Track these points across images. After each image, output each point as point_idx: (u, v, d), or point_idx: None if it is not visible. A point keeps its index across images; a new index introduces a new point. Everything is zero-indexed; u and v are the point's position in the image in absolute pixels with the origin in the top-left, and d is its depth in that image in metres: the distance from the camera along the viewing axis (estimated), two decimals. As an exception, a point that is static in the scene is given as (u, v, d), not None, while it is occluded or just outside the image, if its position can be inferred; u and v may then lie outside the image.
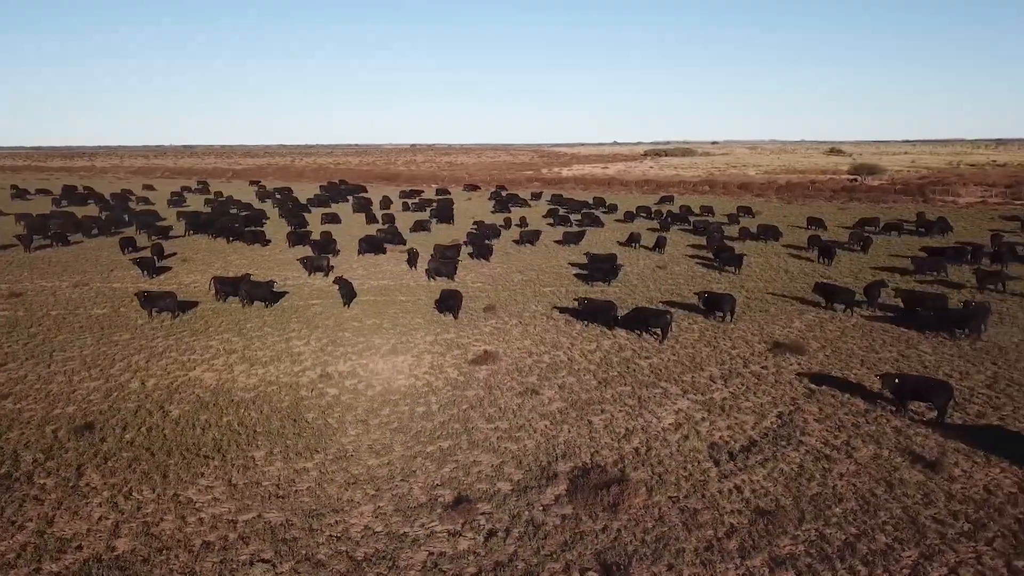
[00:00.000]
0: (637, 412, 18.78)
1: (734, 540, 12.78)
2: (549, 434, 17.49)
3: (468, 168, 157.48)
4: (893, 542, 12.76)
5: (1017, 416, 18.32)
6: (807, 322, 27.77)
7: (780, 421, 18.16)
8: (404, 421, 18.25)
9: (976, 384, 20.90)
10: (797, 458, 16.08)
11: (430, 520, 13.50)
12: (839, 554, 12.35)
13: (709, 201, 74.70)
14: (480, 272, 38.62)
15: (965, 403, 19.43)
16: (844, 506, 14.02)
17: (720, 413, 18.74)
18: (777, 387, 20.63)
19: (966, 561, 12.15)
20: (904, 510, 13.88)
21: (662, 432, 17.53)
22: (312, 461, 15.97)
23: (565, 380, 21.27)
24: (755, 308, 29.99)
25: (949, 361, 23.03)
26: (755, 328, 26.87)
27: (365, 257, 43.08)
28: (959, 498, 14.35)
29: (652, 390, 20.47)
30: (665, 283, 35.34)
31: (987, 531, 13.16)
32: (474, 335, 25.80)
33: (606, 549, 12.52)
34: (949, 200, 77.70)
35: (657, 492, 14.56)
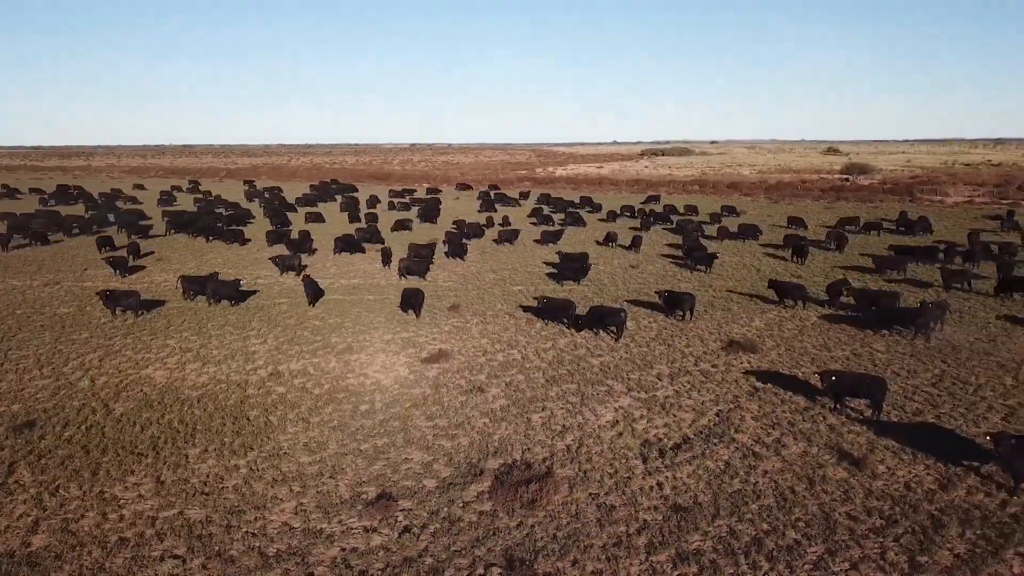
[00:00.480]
0: (577, 410, 18.91)
1: (644, 536, 12.92)
2: (486, 432, 17.62)
3: (463, 168, 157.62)
4: (802, 538, 12.87)
5: (953, 414, 18.44)
6: (767, 321, 27.88)
7: (718, 419, 18.28)
8: (345, 419, 18.39)
9: (921, 382, 21.01)
10: (726, 455, 16.20)
11: (349, 517, 13.64)
12: (745, 550, 12.47)
13: (697, 200, 74.85)
14: (454, 271, 38.74)
15: (906, 401, 19.54)
16: (761, 503, 14.13)
17: (660, 411, 18.85)
18: (723, 385, 20.74)
19: (869, 556, 12.28)
20: (820, 507, 13.99)
21: (597, 429, 17.66)
22: (244, 459, 16.10)
23: (514, 378, 21.39)
24: (718, 307, 30.11)
25: (900, 359, 23.13)
26: (714, 326, 27.00)
27: (341, 256, 43.21)
28: (877, 495, 14.47)
29: (597, 388, 20.59)
30: (635, 282, 35.46)
31: (898, 527, 13.28)
32: (432, 334, 25.93)
33: (516, 545, 12.65)
34: (936, 200, 77.75)
35: (579, 489, 14.68)
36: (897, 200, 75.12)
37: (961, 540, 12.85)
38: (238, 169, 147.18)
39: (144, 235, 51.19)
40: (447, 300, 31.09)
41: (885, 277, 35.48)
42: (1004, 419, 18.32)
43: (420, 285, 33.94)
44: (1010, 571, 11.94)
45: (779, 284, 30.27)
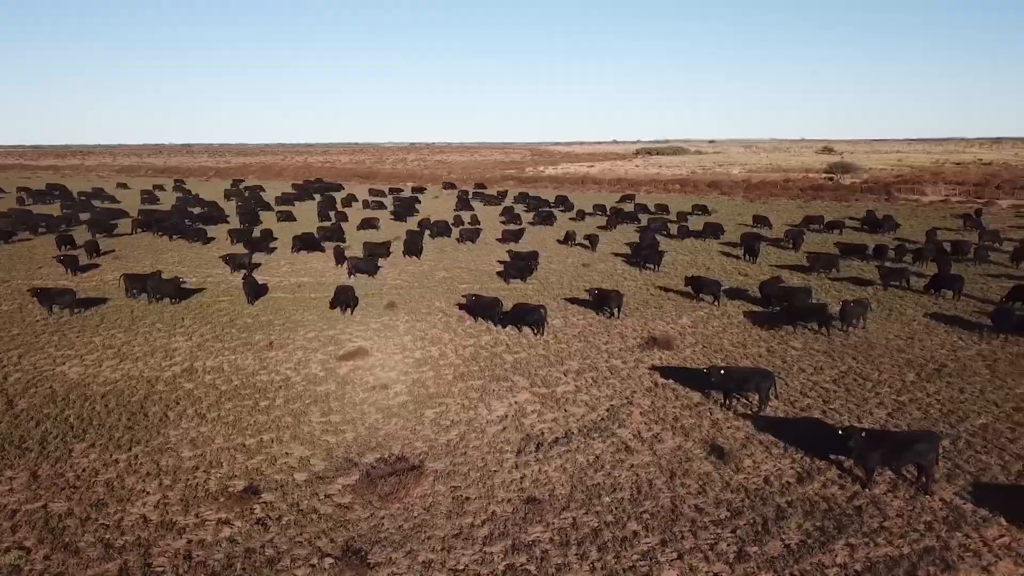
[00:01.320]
0: (473, 405, 19.25)
1: (487, 527, 13.24)
2: (374, 427, 17.94)
3: (454, 167, 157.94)
4: (641, 529, 13.19)
5: (841, 409, 18.88)
6: (694, 318, 28.18)
7: (607, 414, 18.58)
8: (241, 415, 18.73)
9: (823, 378, 21.30)
10: (599, 449, 16.52)
11: (208, 510, 13.98)
12: (580, 540, 12.80)
13: (675, 200, 75.13)
14: (406, 269, 39.09)
15: (801, 396, 19.84)
16: (616, 495, 14.45)
17: (553, 406, 19.16)
18: (626, 381, 21.05)
19: (699, 547, 12.61)
20: (672, 499, 14.30)
21: (484, 424, 17.99)
22: (127, 453, 16.46)
23: (423, 375, 21.70)
24: (652, 304, 30.42)
25: (812, 356, 23.41)
26: (639, 324, 27.31)
27: (299, 255, 43.51)
28: (734, 487, 14.78)
29: (501, 384, 20.92)
30: (582, 280, 35.74)
31: (741, 519, 13.58)
32: (356, 332, 26.26)
33: (359, 536, 12.99)
34: (913, 199, 77.98)
35: (442, 482, 15.00)
36: (875, 199, 75.32)
37: (798, 531, 13.12)
38: (228, 168, 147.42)
39: (110, 233, 51.50)
40: (387, 298, 31.36)
41: (830, 276, 35.66)
42: (889, 414, 18.58)
43: (369, 283, 34.21)
44: (833, 560, 12.21)
45: (695, 280, 30.71)
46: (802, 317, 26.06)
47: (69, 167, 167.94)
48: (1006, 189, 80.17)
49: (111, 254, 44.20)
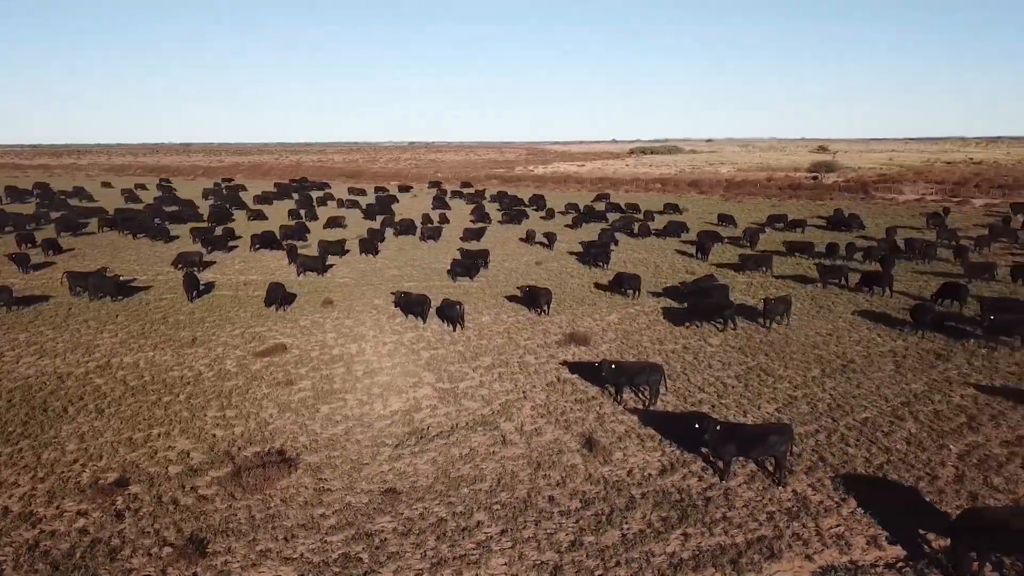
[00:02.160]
0: (371, 400, 19.55)
1: (336, 518, 13.55)
2: (266, 422, 18.25)
3: (445, 166, 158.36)
4: (487, 519, 13.53)
5: (731, 404, 19.31)
6: (623, 315, 28.47)
7: (499, 408, 18.86)
8: (139, 410, 19.05)
9: (728, 374, 21.59)
10: (477, 443, 16.83)
11: (71, 502, 14.29)
12: (421, 530, 13.09)
13: (654, 198, 75.53)
14: (357, 267, 39.42)
15: (697, 391, 20.19)
16: (475, 487, 14.76)
17: (450, 401, 19.46)
18: (531, 377, 21.34)
19: (536, 536, 12.92)
20: (529, 491, 14.60)
21: (374, 419, 18.30)
22: (14, 447, 16.80)
23: (333, 372, 22.01)
24: (587, 302, 30.72)
25: (725, 352, 23.70)
26: (567, 321, 27.58)
27: (257, 253, 43.83)
28: (594, 479, 15.10)
29: (408, 379, 21.23)
30: (530, 278, 36.01)
31: (590, 509, 13.89)
32: (284, 329, 26.58)
33: (207, 527, 13.30)
34: (890, 197, 78.12)
35: (310, 474, 15.31)
36: (851, 198, 75.53)
37: (641, 521, 13.42)
38: (218, 167, 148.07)
39: (76, 232, 51.90)
40: (326, 295, 31.65)
41: (775, 274, 35.94)
42: (777, 409, 18.90)
43: (317, 280, 34.72)
44: (663, 549, 12.49)
45: (617, 276, 31.08)
46: (710, 314, 26.28)
47: (61, 166, 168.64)
48: (983, 188, 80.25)
49: (71, 252, 44.40)
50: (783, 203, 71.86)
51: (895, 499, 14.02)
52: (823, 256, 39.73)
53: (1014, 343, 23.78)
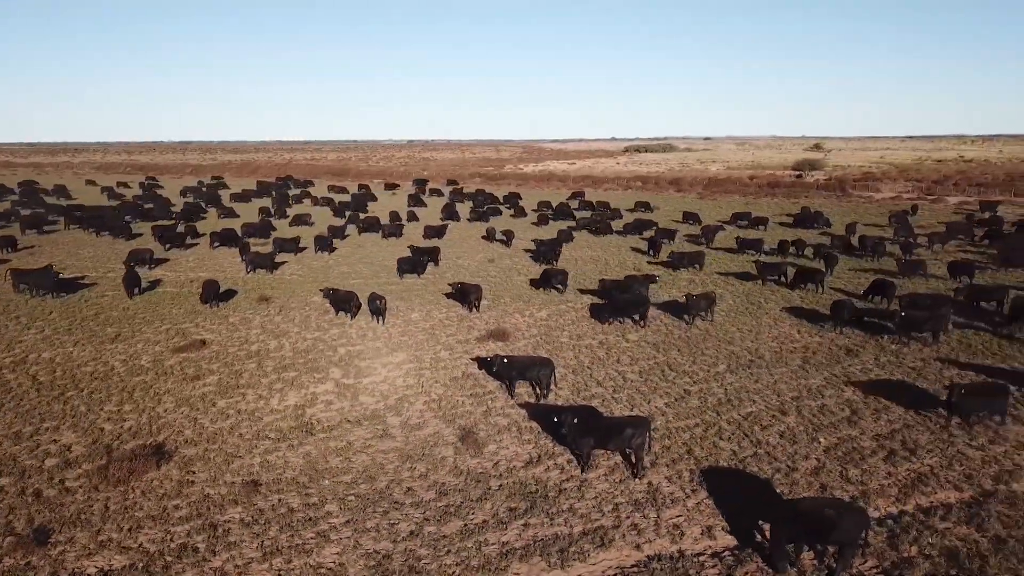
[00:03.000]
0: (271, 395, 19.85)
1: (187, 509, 13.83)
2: (158, 416, 18.54)
3: (437, 164, 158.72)
4: (336, 510, 13.85)
5: (623, 399, 19.58)
6: (552, 311, 28.72)
7: (394, 403, 19.14)
8: (39, 405, 19.36)
9: (632, 369, 21.90)
10: (356, 436, 17.14)
11: (-64, 492, 14.51)
12: (267, 520, 13.38)
13: (631, 196, 75.94)
14: (310, 265, 39.73)
15: (596, 386, 20.55)
16: (338, 479, 15.10)
17: (348, 397, 19.75)
18: (437, 372, 21.65)
19: (380, 526, 13.23)
20: (389, 483, 14.90)
21: (267, 414, 18.58)
22: (-99, 440, 16.99)
23: (244, 367, 22.31)
24: (523, 298, 31.04)
25: (639, 348, 24.01)
26: (496, 317, 27.85)
27: (215, 251, 44.15)
28: (459, 471, 15.46)
29: (314, 375, 21.50)
30: (477, 276, 36.22)
31: (443, 500, 14.20)
32: (210, 325, 26.89)
33: (60, 517, 13.60)
34: (867, 195, 78.25)
35: (181, 467, 15.61)
36: (828, 196, 75.76)
37: (488, 512, 13.77)
38: (207, 165, 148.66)
39: (40, 230, 52.26)
40: (266, 292, 31.92)
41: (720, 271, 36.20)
42: (667, 404, 19.21)
43: (264, 277, 35.47)
44: (499, 539, 12.74)
45: (546, 272, 31.34)
46: (627, 310, 26.51)
47: (53, 164, 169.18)
48: (960, 186, 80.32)
49: (29, 249, 44.74)
50: (758, 201, 72.12)
51: (746, 491, 14.30)
52: (778, 252, 39.93)
53: (926, 339, 23.91)
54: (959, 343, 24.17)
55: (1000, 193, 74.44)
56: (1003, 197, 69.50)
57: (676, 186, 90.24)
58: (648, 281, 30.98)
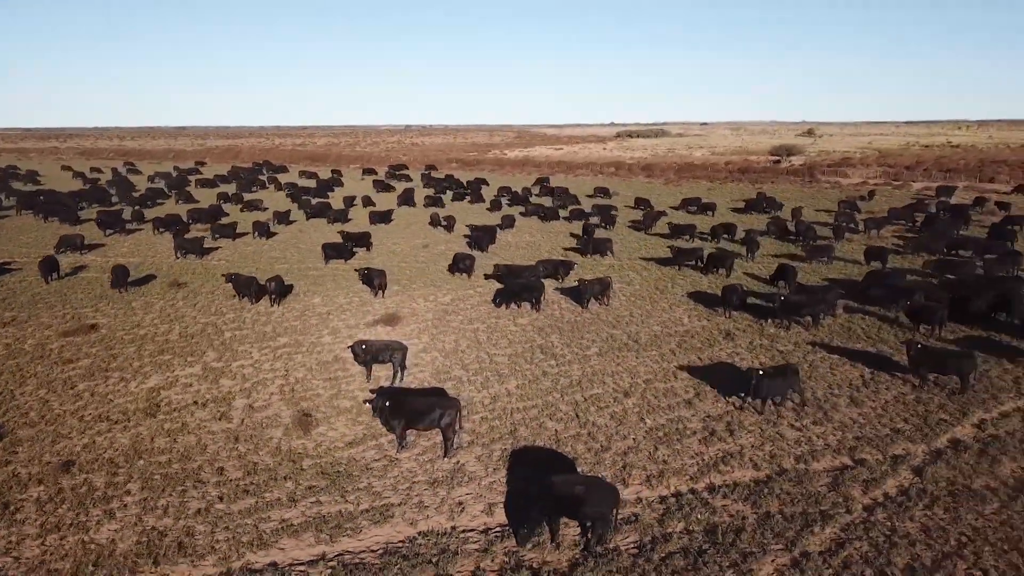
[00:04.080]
0: (134, 377, 20.24)
1: (7, 484, 14.16)
2: (12, 397, 19.01)
3: (423, 148, 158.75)
4: (136, 488, 14.24)
5: (480, 382, 19.93)
6: (456, 296, 29.06)
7: (250, 386, 19.47)
8: (-98, 385, 19.57)
9: (503, 353, 22.28)
10: (196, 418, 17.52)
11: None
12: (62, 499, 13.74)
13: (601, 182, 76.50)
14: (243, 251, 40.07)
15: (460, 370, 20.86)
16: (154, 459, 15.45)
17: (211, 380, 20.15)
18: (311, 356, 21.98)
19: (171, 504, 13.60)
20: (203, 463, 15.28)
21: (120, 396, 18.97)
22: None
23: (124, 351, 22.65)
24: (435, 284, 31.39)
25: (523, 331, 24.44)
26: (398, 302, 28.19)
27: (155, 236, 44.43)
28: (276, 451, 15.81)
29: (189, 358, 21.85)
30: (407, 260, 36.67)
31: (247, 480, 14.60)
32: (110, 309, 27.31)
33: None
34: (835, 181, 78.24)
35: (4, 448, 15.96)
36: (798, 180, 75.90)
37: (282, 490, 14.12)
38: (193, 151, 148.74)
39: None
40: (183, 277, 32.33)
41: (641, 257, 36.44)
42: (518, 386, 19.52)
43: (192, 263, 36.03)
44: (281, 516, 13.10)
45: (456, 256, 32.35)
46: (519, 295, 26.75)
47: (38, 150, 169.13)
48: (930, 172, 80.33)
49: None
50: (724, 187, 72.34)
51: (549, 469, 14.55)
52: (710, 238, 40.22)
53: (807, 323, 24.18)
54: (842, 327, 24.24)
55: (966, 179, 74.27)
56: (967, 183, 69.44)
57: (647, 172, 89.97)
58: (566, 267, 31.15)
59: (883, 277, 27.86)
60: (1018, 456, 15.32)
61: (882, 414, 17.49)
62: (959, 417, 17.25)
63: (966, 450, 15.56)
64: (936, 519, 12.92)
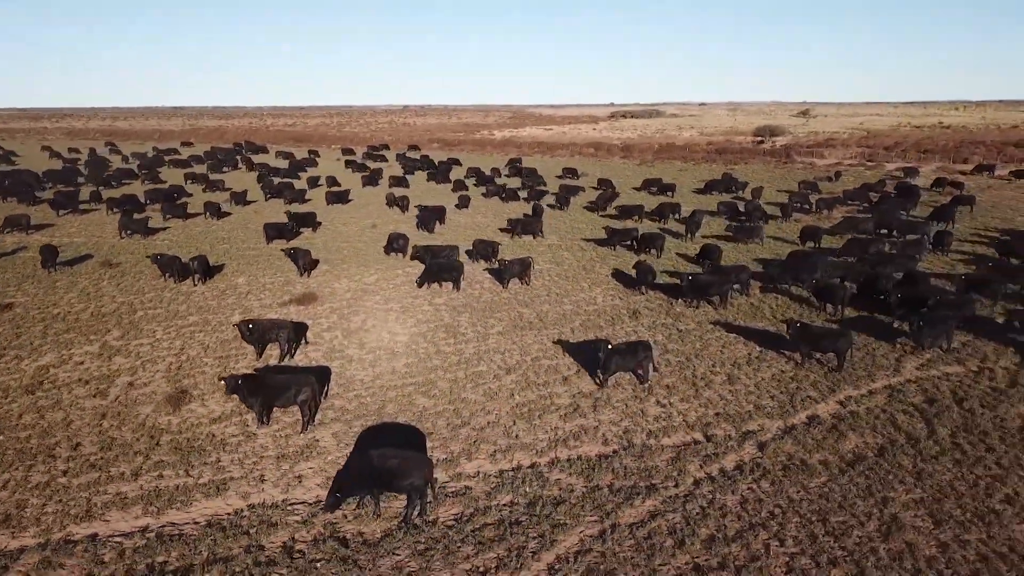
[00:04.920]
0: (30, 355, 20.54)
1: None
2: (-95, 374, 19.02)
3: (411, 129, 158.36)
4: (43, 459, 14.40)
5: (367, 361, 20.18)
6: (384, 276, 29.31)
7: (139, 364, 19.74)
8: None
9: (406, 332, 22.56)
10: (72, 394, 17.84)
11: None
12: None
13: (580, 163, 76.08)
14: (191, 232, 40.20)
15: (355, 348, 20.99)
16: (15, 434, 15.71)
17: (103, 358, 20.49)
18: (211, 335, 22.21)
19: (12, 479, 13.85)
20: (62, 439, 15.54)
21: (7, 373, 19.17)
22: None
23: (31, 329, 22.97)
24: (365, 263, 31.57)
25: (436, 311, 24.70)
26: (320, 281, 28.40)
27: (108, 216, 44.51)
28: (142, 428, 16.12)
29: (91, 336, 22.16)
30: (352, 241, 36.66)
31: (104, 454, 14.89)
32: (32, 289, 27.56)
33: None
34: (809, 161, 78.12)
35: None
36: (775, 161, 75.76)
37: (131, 464, 14.37)
38: (180, 131, 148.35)
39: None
40: (117, 257, 32.57)
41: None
42: (406, 364, 19.70)
43: (138, 243, 36.54)
44: (120, 489, 13.39)
45: (390, 236, 32.97)
46: (440, 275, 26.92)
47: (25, 130, 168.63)
48: (907, 153, 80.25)
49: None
50: (696, 167, 72.13)
51: (399, 445, 14.82)
52: (659, 219, 40.43)
53: (716, 303, 24.37)
54: (751, 307, 24.46)
55: (941, 159, 74.17)
56: (941, 163, 69.40)
57: (625, 153, 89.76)
58: (490, 248, 31.25)
59: (804, 257, 27.87)
60: (866, 432, 15.47)
61: (753, 391, 17.65)
62: (827, 394, 17.40)
63: (818, 426, 15.66)
64: (758, 492, 13.13)
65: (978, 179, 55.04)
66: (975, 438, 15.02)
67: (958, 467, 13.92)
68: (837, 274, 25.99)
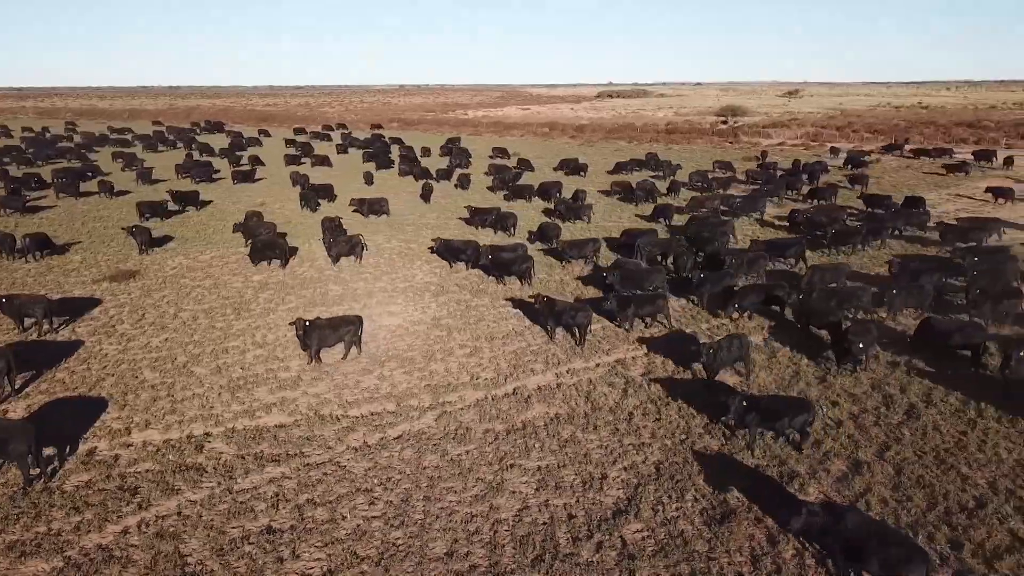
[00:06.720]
0: None
1: None
2: None
3: (387, 108, 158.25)
4: None
5: (107, 336, 20.28)
6: (217, 254, 29.49)
7: None
8: None
9: (186, 310, 22.54)
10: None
11: None
12: None
13: (525, 144, 76.20)
14: (76, 209, 40.02)
15: (112, 324, 21.07)
16: None
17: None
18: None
19: None
20: None
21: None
22: None
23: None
24: (208, 243, 31.49)
25: (241, 290, 24.64)
26: (152, 259, 28.56)
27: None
28: None
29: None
30: (223, 219, 36.49)
31: None
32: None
33: None
34: (755, 142, 78.17)
35: None
36: (719, 142, 75.59)
37: None
38: (156, 111, 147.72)
39: None
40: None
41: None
42: (166, 339, 19.90)
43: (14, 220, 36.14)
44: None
45: (247, 214, 33.25)
46: (263, 253, 27.19)
47: (8, 110, 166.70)
48: (860, 134, 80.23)
49: None
50: (638, 146, 71.67)
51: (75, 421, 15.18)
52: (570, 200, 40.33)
53: (520, 280, 24.52)
54: (559, 282, 24.72)
55: (885, 140, 74.15)
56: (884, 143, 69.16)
57: (577, 133, 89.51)
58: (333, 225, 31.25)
59: (634, 236, 28.01)
60: (555, 403, 15.71)
61: (482, 364, 17.82)
62: (552, 366, 17.49)
63: (514, 397, 15.81)
64: (395, 458, 13.31)
65: (887, 158, 54.66)
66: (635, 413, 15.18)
67: (598, 437, 14.24)
68: (657, 252, 26.00)
